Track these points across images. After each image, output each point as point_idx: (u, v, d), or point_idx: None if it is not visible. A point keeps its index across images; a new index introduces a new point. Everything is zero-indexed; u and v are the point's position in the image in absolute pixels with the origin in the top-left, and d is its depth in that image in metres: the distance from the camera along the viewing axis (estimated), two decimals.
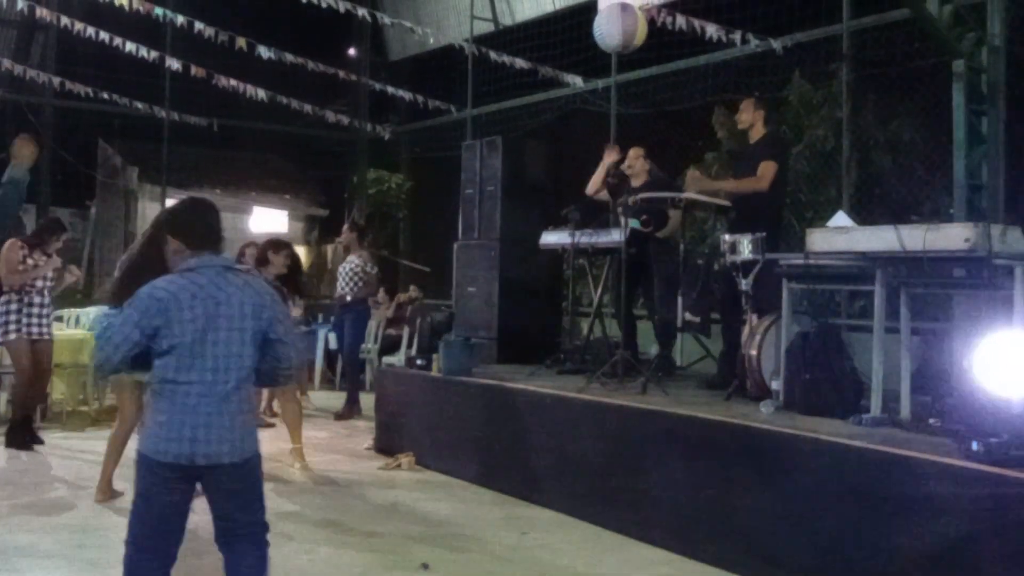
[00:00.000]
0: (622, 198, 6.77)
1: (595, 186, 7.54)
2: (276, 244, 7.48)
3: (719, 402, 5.70)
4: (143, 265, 4.93)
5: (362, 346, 10.05)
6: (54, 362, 7.83)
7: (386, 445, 7.40)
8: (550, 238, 7.54)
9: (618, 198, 7.06)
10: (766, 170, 6.35)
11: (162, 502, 3.18)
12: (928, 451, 4.12)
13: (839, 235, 5.01)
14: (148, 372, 3.26)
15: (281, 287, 6.83)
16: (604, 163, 7.52)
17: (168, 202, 13.57)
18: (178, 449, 3.12)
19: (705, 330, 6.74)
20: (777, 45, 8.91)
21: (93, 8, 11.66)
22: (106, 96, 12.82)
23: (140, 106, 13.20)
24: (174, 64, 12.25)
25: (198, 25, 11.59)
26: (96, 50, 11.94)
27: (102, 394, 9.03)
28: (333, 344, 9.49)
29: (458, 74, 12.83)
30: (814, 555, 4.26)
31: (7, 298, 7.27)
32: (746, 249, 5.72)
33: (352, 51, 15.65)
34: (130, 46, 11.62)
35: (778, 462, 4.54)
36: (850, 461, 4.24)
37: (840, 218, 5.58)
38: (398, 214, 15.56)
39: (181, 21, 11.59)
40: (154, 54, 11.90)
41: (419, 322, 10.23)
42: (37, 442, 7.31)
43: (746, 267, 5.74)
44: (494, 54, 11.72)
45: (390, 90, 13.91)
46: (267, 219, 16.93)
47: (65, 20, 11.67)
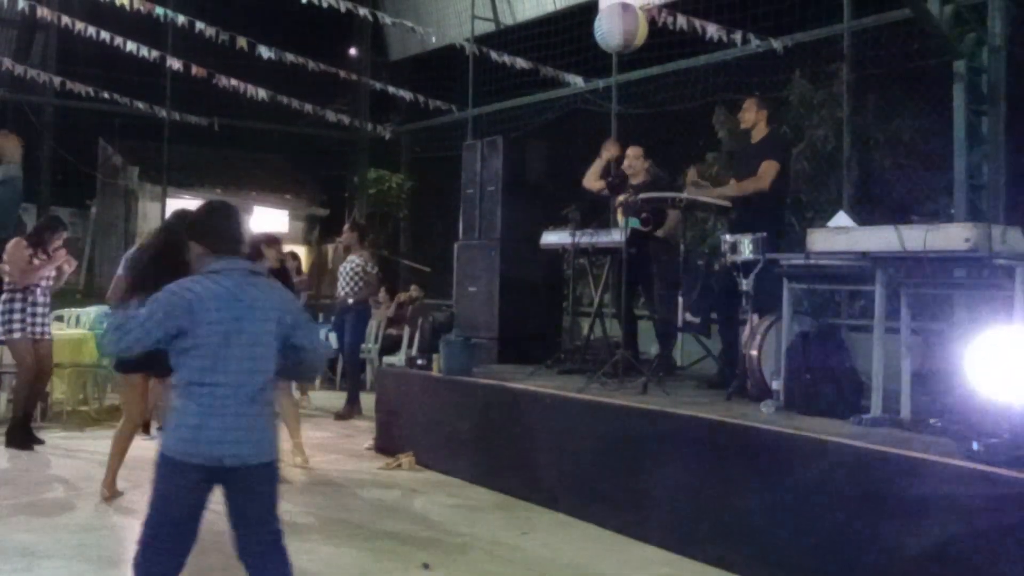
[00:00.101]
0: (622, 197, 6.77)
1: (591, 178, 7.55)
2: (270, 239, 7.47)
3: (719, 402, 5.69)
4: (159, 272, 4.79)
5: (363, 346, 10.06)
6: (54, 362, 7.83)
7: (386, 445, 7.40)
8: (551, 238, 7.54)
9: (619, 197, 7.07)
10: (767, 169, 6.36)
11: (183, 504, 3.16)
12: (928, 451, 4.12)
13: (840, 235, 5.01)
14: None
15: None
16: (603, 157, 7.53)
17: (168, 201, 13.59)
18: (207, 451, 3.11)
19: (705, 330, 6.73)
20: (777, 45, 8.91)
21: (94, 8, 11.66)
22: (107, 96, 12.82)
23: (141, 106, 13.21)
24: (175, 64, 12.26)
25: (199, 25, 11.61)
26: (97, 50, 11.95)
27: (102, 394, 9.04)
28: (333, 344, 9.49)
29: (459, 74, 12.82)
30: (814, 555, 4.26)
31: (10, 296, 7.27)
32: (747, 249, 5.73)
33: (353, 51, 15.66)
34: (131, 46, 11.64)
35: (778, 462, 4.53)
36: (850, 461, 4.24)
37: (840, 218, 5.57)
38: (399, 214, 15.58)
39: (182, 21, 11.61)
40: (155, 54, 11.92)
41: (420, 322, 10.25)
42: (37, 442, 7.30)
43: (747, 267, 5.75)
44: (495, 54, 11.73)
45: (391, 90, 13.92)
46: (268, 219, 16.91)
47: (66, 20, 11.67)
